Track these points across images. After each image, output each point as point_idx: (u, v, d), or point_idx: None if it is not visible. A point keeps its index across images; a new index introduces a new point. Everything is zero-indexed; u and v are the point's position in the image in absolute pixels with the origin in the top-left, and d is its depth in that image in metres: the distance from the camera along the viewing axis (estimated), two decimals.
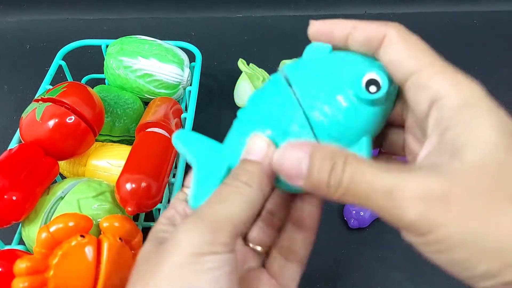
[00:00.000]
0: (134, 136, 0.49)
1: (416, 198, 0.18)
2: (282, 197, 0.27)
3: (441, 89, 0.19)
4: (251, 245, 0.27)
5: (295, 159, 0.20)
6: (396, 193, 0.18)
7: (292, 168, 0.20)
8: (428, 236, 0.18)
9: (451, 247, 0.18)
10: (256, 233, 0.27)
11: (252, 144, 0.23)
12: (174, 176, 0.45)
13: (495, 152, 0.18)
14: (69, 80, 0.55)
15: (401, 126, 0.24)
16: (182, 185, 0.26)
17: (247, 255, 0.27)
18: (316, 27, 0.24)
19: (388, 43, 0.21)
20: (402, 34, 0.21)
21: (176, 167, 0.46)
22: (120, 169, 0.42)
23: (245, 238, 0.28)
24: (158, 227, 0.24)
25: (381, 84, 0.22)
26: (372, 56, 0.23)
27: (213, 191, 0.22)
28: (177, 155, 0.47)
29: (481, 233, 0.17)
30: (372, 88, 0.22)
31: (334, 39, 0.23)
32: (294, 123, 0.22)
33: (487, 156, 0.18)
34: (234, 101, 0.64)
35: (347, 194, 0.19)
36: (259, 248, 0.27)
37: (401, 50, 0.21)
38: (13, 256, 0.36)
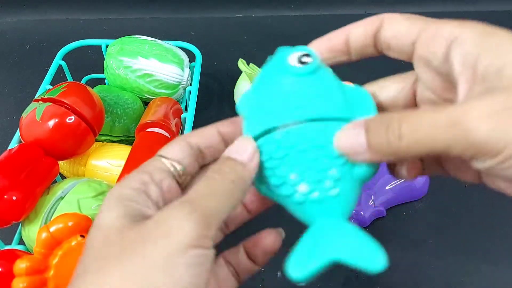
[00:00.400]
0: (134, 136, 0.49)
1: (484, 116, 0.18)
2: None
3: (454, 31, 0.20)
4: None
5: (353, 136, 0.21)
6: (462, 118, 0.18)
7: (353, 145, 0.21)
8: (504, 153, 0.18)
9: None
10: None
11: (242, 145, 0.23)
12: None
13: None
14: (69, 80, 0.55)
15: None
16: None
17: None
18: (317, 47, 0.24)
19: (388, 22, 0.23)
20: (396, 14, 0.23)
21: None
22: (120, 169, 0.42)
23: None
24: (126, 192, 0.21)
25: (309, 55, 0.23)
26: None
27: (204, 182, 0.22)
28: None
29: None
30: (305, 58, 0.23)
31: (336, 51, 0.24)
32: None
33: None
34: (234, 101, 0.64)
35: (411, 144, 0.19)
36: None
37: (402, 21, 0.23)
38: (13, 256, 0.36)
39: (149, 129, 0.46)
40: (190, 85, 0.56)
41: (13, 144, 0.45)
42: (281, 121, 0.22)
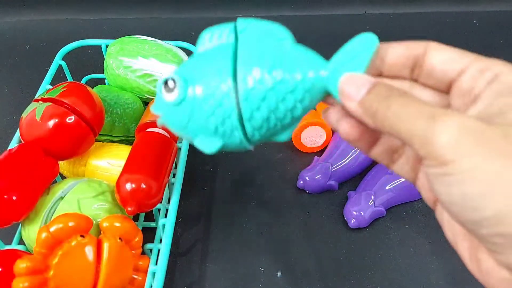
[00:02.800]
0: (134, 136, 0.49)
1: (454, 126, 0.19)
2: None
3: (504, 69, 0.21)
4: None
5: (358, 85, 0.23)
6: (437, 117, 0.19)
7: (352, 92, 0.23)
8: (451, 165, 0.18)
9: (470, 179, 0.18)
10: None
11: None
12: (174, 176, 0.45)
13: None
14: (69, 80, 0.55)
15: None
16: None
17: None
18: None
19: (435, 49, 0.23)
20: (443, 45, 0.24)
21: (176, 167, 0.46)
22: (120, 169, 0.42)
23: None
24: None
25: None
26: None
27: None
28: (177, 154, 0.47)
29: (505, 175, 0.18)
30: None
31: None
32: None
33: None
34: None
35: (393, 116, 0.21)
36: None
37: (451, 50, 0.23)
38: (13, 256, 0.36)
39: (149, 129, 0.46)
40: None
41: (13, 144, 0.45)
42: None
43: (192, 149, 0.49)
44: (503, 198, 0.18)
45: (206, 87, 0.25)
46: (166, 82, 0.25)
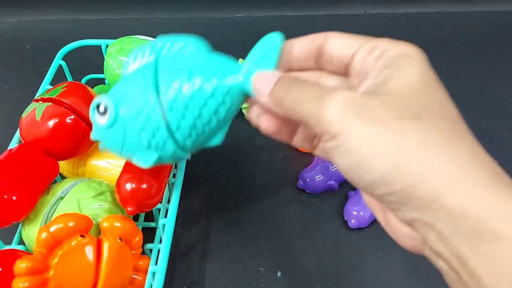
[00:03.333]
0: None
1: (339, 102, 0.21)
2: None
3: (388, 46, 0.24)
4: None
5: (267, 80, 0.26)
6: (325, 97, 0.22)
7: (262, 87, 0.26)
8: (339, 137, 0.21)
9: (356, 147, 0.20)
10: None
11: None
12: (174, 176, 0.45)
13: (412, 86, 0.21)
14: (69, 80, 0.55)
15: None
16: None
17: None
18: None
19: (333, 37, 0.26)
20: (339, 32, 0.27)
21: (176, 167, 0.46)
22: (120, 169, 0.42)
23: None
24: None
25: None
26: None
27: None
28: None
29: (383, 137, 0.20)
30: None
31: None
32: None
33: (405, 88, 0.21)
34: None
35: (292, 102, 0.24)
36: None
37: (346, 37, 0.26)
38: (13, 256, 0.36)
39: None
40: None
41: (13, 144, 0.45)
42: None
43: None
44: (384, 160, 0.20)
45: (134, 106, 0.27)
46: (97, 107, 0.27)
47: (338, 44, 0.26)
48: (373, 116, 0.20)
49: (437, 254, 0.20)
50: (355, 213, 0.50)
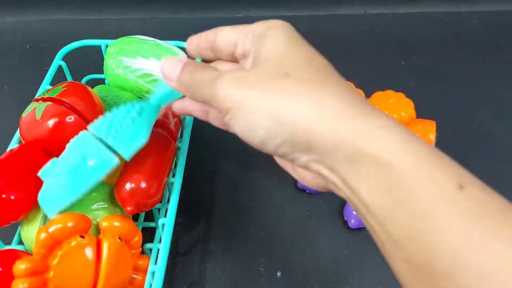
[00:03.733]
0: None
1: (226, 81, 0.25)
2: None
3: (257, 27, 0.27)
4: None
5: (174, 65, 0.28)
6: (216, 79, 0.25)
7: (170, 72, 0.28)
8: (233, 110, 0.24)
9: (244, 114, 0.24)
10: None
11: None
12: (173, 175, 0.45)
13: (278, 51, 0.25)
14: (69, 80, 0.55)
15: None
16: None
17: None
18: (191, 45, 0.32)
19: (220, 31, 0.30)
20: (225, 27, 0.30)
21: (175, 167, 0.46)
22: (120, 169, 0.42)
23: None
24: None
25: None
26: None
27: None
28: (176, 154, 0.47)
29: (261, 99, 0.23)
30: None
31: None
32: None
33: (273, 53, 0.25)
34: None
35: (194, 85, 0.27)
36: None
37: (229, 29, 0.29)
38: (13, 256, 0.36)
39: None
40: None
41: (13, 144, 0.45)
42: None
43: (191, 149, 0.49)
44: (263, 118, 0.23)
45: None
46: None
47: (224, 37, 0.29)
48: (250, 84, 0.24)
49: (333, 184, 0.23)
50: (355, 213, 0.50)
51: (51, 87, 0.46)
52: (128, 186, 0.39)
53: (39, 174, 0.38)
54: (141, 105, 0.37)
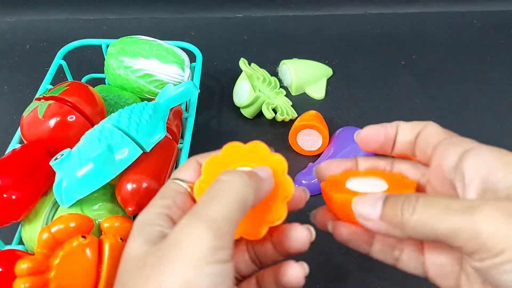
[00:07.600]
0: None
1: (495, 213, 0.19)
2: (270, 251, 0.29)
3: (470, 144, 0.23)
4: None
5: (370, 205, 0.23)
6: (475, 209, 0.19)
7: (368, 213, 0.23)
8: (504, 254, 0.18)
9: None
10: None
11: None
12: None
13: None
14: (69, 80, 0.55)
15: None
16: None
17: None
18: (362, 135, 0.28)
19: (425, 132, 0.25)
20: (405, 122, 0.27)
21: (177, 167, 0.46)
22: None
23: None
24: (149, 216, 0.22)
25: None
26: None
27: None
28: (177, 155, 0.47)
29: None
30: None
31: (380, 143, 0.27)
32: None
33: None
34: (234, 101, 0.64)
35: (422, 219, 0.21)
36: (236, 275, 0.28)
37: (435, 129, 0.25)
38: (13, 256, 0.36)
39: None
40: None
41: (14, 143, 0.45)
42: None
43: (192, 150, 0.49)
44: None
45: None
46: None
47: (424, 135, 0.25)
48: None
49: None
50: None
51: (51, 86, 0.46)
52: (129, 186, 0.39)
53: (51, 163, 0.38)
54: (154, 104, 0.40)
